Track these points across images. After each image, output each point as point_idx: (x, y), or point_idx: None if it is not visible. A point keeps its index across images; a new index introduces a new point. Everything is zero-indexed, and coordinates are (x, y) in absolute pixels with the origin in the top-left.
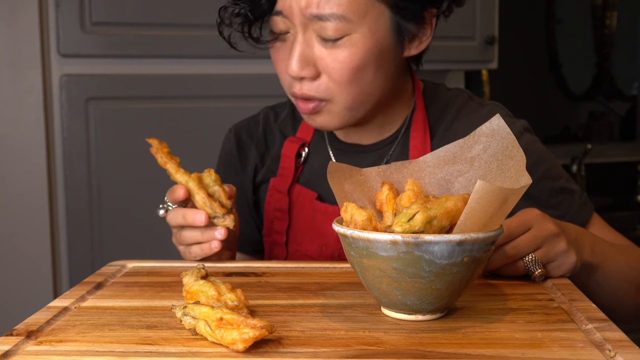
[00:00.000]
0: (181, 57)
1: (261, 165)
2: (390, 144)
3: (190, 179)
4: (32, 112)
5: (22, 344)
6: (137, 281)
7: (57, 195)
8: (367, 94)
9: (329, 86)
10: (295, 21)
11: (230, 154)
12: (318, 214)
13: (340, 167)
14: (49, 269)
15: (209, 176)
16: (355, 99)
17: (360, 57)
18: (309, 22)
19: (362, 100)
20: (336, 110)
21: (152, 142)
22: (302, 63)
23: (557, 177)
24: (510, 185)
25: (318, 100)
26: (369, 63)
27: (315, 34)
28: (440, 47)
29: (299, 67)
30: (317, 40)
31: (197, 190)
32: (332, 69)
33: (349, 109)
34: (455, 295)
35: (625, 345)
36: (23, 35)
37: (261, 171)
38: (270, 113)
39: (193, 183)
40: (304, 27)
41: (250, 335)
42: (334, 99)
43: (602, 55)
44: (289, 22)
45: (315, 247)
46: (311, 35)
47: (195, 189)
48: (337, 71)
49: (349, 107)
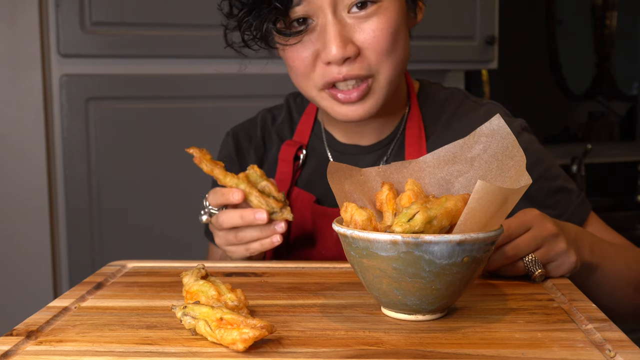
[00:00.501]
0: (181, 57)
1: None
2: (387, 145)
3: (240, 180)
4: (32, 112)
5: (22, 344)
6: (137, 281)
7: (57, 195)
8: (403, 63)
9: (372, 60)
10: (324, 5)
11: (229, 158)
12: (317, 217)
13: (340, 167)
14: (49, 269)
15: (255, 173)
16: (397, 69)
17: (394, 20)
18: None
19: (400, 70)
20: (380, 87)
21: (193, 152)
22: (342, 43)
23: (555, 177)
24: (510, 185)
25: (366, 79)
26: (400, 27)
27: (345, 12)
28: (440, 47)
29: (341, 47)
30: (348, 18)
31: (250, 190)
32: (374, 38)
33: (390, 82)
34: (455, 295)
35: (625, 345)
36: (23, 35)
37: None
38: (268, 116)
39: (244, 184)
40: (333, 8)
41: (250, 335)
42: (377, 74)
43: (602, 55)
44: (310, 9)
45: (315, 250)
46: (341, 15)
47: (248, 189)
48: (378, 39)
49: (390, 80)
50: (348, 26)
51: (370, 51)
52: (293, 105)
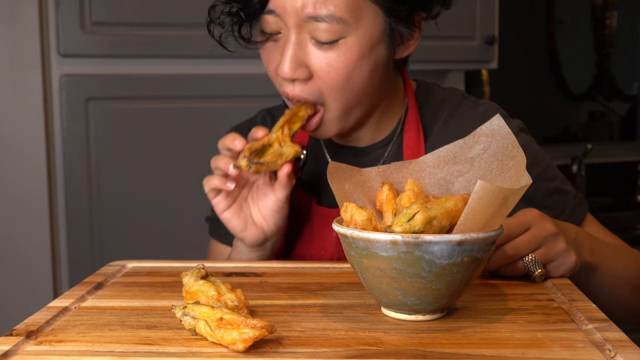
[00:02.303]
0: (181, 57)
1: None
2: (385, 146)
3: None
4: (32, 112)
5: (22, 344)
6: (137, 281)
7: (57, 195)
8: (359, 97)
9: (321, 89)
10: (289, 22)
11: None
12: (317, 218)
13: (340, 167)
14: (49, 269)
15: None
16: (349, 102)
17: (354, 60)
18: (304, 23)
19: (355, 103)
20: (331, 117)
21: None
22: (294, 64)
23: (553, 178)
24: (510, 185)
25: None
26: (363, 66)
27: (309, 36)
28: (440, 47)
29: (292, 68)
30: (310, 42)
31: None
32: (327, 73)
33: (343, 113)
34: (455, 295)
35: (625, 345)
36: (23, 35)
37: None
38: (267, 116)
39: None
40: (298, 28)
41: (250, 335)
42: (327, 104)
43: (602, 55)
44: (282, 22)
45: (314, 251)
46: (305, 37)
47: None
48: (331, 74)
49: (342, 111)
50: (306, 50)
51: (321, 81)
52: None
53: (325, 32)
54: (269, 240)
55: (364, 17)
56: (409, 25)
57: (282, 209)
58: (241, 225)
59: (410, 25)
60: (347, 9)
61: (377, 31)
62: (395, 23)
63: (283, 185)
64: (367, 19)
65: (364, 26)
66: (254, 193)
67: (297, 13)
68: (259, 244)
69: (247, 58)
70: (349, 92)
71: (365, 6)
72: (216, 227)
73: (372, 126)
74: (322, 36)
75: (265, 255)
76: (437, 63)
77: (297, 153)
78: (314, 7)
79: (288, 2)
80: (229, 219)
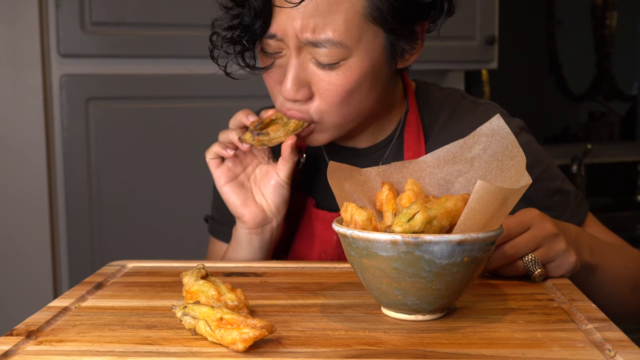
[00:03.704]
0: (181, 57)
1: None
2: (385, 147)
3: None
4: (32, 112)
5: (22, 344)
6: (137, 281)
7: (57, 195)
8: (357, 113)
9: (320, 108)
10: (290, 43)
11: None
12: (316, 221)
13: (341, 167)
14: (49, 269)
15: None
16: (346, 118)
17: (355, 79)
18: (304, 46)
19: (352, 119)
20: (325, 129)
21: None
22: (296, 86)
23: (554, 178)
24: (510, 185)
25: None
26: (364, 84)
27: (310, 57)
28: (440, 47)
29: (294, 90)
30: (311, 62)
31: None
32: (327, 90)
33: (338, 127)
34: (455, 295)
35: (625, 345)
36: (23, 35)
37: None
38: None
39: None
40: (298, 50)
41: (250, 335)
42: (323, 120)
43: (602, 55)
44: (283, 44)
45: (314, 254)
46: (306, 57)
47: None
48: (331, 93)
49: (338, 125)
50: (308, 70)
51: (320, 100)
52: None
53: (326, 56)
54: (268, 223)
55: (364, 38)
56: (410, 40)
57: (282, 187)
58: (241, 200)
59: (412, 40)
60: (346, 33)
61: (378, 49)
62: (397, 40)
63: (286, 158)
64: (367, 40)
65: (365, 47)
66: (257, 174)
67: (297, 36)
68: (259, 225)
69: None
70: (346, 110)
71: (366, 28)
72: (216, 225)
73: (372, 128)
74: (322, 59)
75: (265, 241)
76: (437, 63)
77: (300, 126)
78: (312, 33)
79: (288, 26)
80: (229, 193)
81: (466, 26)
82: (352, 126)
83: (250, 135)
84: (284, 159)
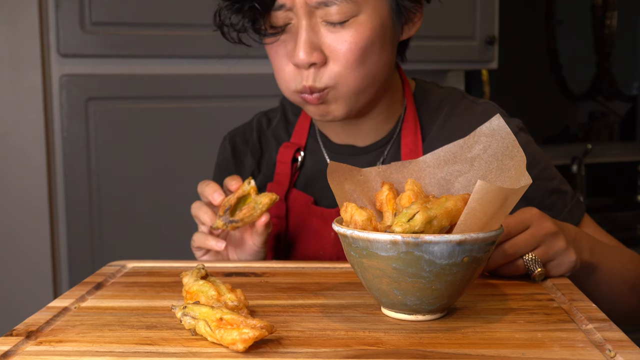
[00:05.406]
0: (181, 57)
1: (257, 171)
2: (384, 145)
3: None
4: (32, 112)
5: (21, 344)
6: (137, 281)
7: (57, 195)
8: (372, 77)
9: (336, 71)
10: (299, 11)
11: (227, 160)
12: (314, 219)
13: (340, 167)
14: (49, 269)
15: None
16: (363, 81)
17: (367, 36)
18: (314, 10)
19: (368, 83)
20: (342, 95)
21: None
22: (309, 48)
23: (552, 178)
24: (510, 185)
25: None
26: (375, 43)
27: (320, 20)
28: (440, 47)
29: (307, 53)
30: (322, 25)
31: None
32: (340, 50)
33: (355, 92)
34: (455, 295)
35: (625, 345)
36: (23, 35)
37: (258, 177)
38: (263, 119)
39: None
40: (309, 15)
41: (250, 336)
42: (339, 85)
43: (602, 55)
44: (291, 13)
45: (313, 252)
46: (316, 21)
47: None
48: (345, 53)
49: (355, 90)
50: (320, 33)
51: (335, 62)
52: (289, 107)
53: (337, 13)
54: None
55: None
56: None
57: (259, 253)
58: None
59: (415, 1)
60: None
61: (385, 7)
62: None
63: (259, 233)
64: None
65: (372, 3)
66: (232, 235)
67: (306, 2)
68: None
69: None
70: (362, 71)
71: None
72: None
73: (372, 123)
74: (334, 17)
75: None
76: (437, 63)
77: (273, 201)
78: None
79: None
80: (206, 260)
81: (466, 26)
82: (368, 97)
83: (223, 223)
84: (257, 234)
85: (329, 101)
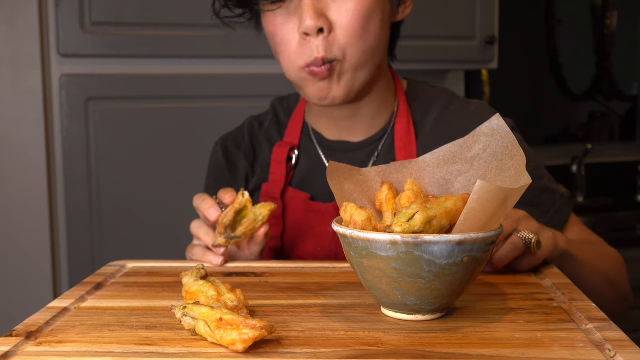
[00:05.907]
0: (181, 57)
1: (252, 174)
2: (377, 141)
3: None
4: (32, 112)
5: (21, 345)
6: (137, 281)
7: (57, 195)
8: (372, 50)
9: (343, 42)
10: None
11: (219, 165)
12: (311, 214)
13: (340, 167)
14: (49, 269)
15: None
16: (365, 54)
17: (368, 5)
18: None
19: (368, 57)
20: (346, 69)
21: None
22: (315, 14)
23: (542, 177)
24: (510, 185)
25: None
26: (376, 12)
27: None
28: (440, 47)
29: (314, 17)
30: None
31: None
32: (345, 18)
33: (356, 67)
34: (455, 295)
35: (625, 345)
36: (23, 35)
37: (252, 179)
38: (255, 122)
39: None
40: None
41: (250, 336)
42: (346, 57)
43: (602, 55)
44: None
45: (310, 248)
46: None
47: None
48: (350, 20)
49: (357, 65)
50: (324, 2)
51: (341, 30)
52: (280, 108)
53: None
54: None
55: None
56: None
57: (255, 260)
58: None
59: None
60: None
61: None
62: None
63: (258, 243)
64: None
65: None
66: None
67: None
68: None
69: (248, 58)
70: (365, 41)
71: None
72: None
73: (366, 116)
74: None
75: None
76: (437, 63)
77: (272, 211)
78: None
79: None
80: None
81: (466, 26)
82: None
83: (225, 241)
84: (256, 244)
85: (333, 76)
